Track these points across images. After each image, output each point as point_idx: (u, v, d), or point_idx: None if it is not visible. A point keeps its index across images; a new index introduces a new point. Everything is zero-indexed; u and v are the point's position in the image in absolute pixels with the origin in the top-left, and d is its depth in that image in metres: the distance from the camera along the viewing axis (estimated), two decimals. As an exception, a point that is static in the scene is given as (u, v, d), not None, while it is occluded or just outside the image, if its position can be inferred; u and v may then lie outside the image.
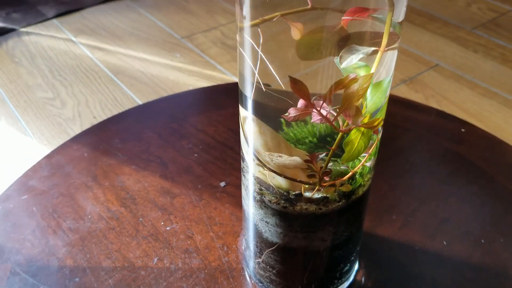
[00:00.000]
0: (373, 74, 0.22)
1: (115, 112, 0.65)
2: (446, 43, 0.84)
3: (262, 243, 0.32)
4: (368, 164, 0.27)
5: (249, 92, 0.25)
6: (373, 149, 0.26)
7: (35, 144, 0.60)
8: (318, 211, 0.28)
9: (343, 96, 0.22)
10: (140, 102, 0.67)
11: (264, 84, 0.24)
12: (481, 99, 0.71)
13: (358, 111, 0.23)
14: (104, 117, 0.64)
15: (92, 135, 0.51)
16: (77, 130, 0.62)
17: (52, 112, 0.65)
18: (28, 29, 0.83)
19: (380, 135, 0.27)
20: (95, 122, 0.63)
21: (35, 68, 0.74)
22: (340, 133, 0.24)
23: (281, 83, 0.24)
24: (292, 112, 0.24)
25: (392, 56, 0.25)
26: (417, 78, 0.76)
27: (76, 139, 0.50)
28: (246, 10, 0.23)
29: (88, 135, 0.51)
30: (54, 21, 0.85)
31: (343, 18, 0.21)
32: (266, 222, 0.30)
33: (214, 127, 0.52)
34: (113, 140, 0.51)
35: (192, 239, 0.40)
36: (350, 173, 0.26)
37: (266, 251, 0.32)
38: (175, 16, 0.89)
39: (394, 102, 0.60)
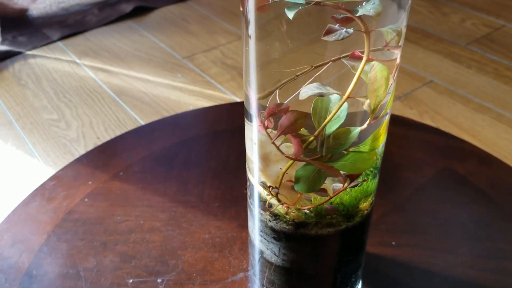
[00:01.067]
0: (306, 114, 0.23)
1: (118, 132, 0.67)
2: (440, 59, 0.86)
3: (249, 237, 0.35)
4: (327, 206, 0.27)
5: (254, 112, 0.27)
6: (338, 195, 0.27)
7: (42, 166, 0.62)
8: (275, 225, 0.30)
9: (279, 122, 0.24)
10: (143, 123, 0.69)
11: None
12: (474, 114, 0.73)
13: (298, 143, 0.24)
14: (108, 138, 0.66)
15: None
16: (81, 150, 0.64)
17: (57, 133, 0.67)
18: (34, 52, 0.86)
19: (353, 184, 0.27)
20: (98, 143, 0.65)
21: (41, 90, 0.76)
22: (290, 160, 0.25)
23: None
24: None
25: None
26: (412, 95, 0.77)
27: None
28: (252, 30, 0.25)
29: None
30: (59, 43, 0.88)
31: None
32: (250, 218, 0.33)
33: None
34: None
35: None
36: (308, 207, 0.27)
37: (249, 244, 0.35)
38: (176, 36, 0.91)
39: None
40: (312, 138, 0.24)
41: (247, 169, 0.32)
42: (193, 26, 0.95)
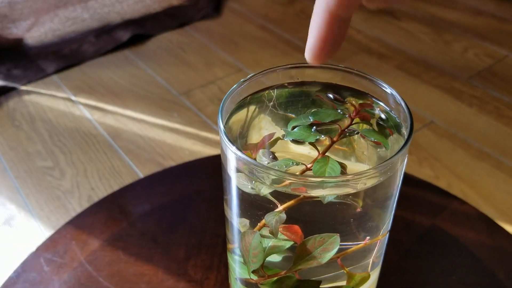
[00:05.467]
0: None
1: (112, 182, 0.67)
2: (441, 96, 0.85)
3: None
4: None
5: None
6: None
7: (36, 223, 0.61)
8: None
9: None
10: (138, 170, 0.69)
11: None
12: (473, 161, 0.72)
13: None
14: (102, 188, 0.66)
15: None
16: (75, 204, 0.63)
17: (52, 183, 0.67)
18: (29, 87, 0.85)
19: None
20: (92, 194, 0.65)
21: (35, 133, 0.75)
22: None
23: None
24: None
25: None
26: (412, 138, 0.76)
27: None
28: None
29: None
30: (54, 77, 0.87)
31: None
32: None
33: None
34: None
35: None
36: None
37: None
38: (173, 69, 0.90)
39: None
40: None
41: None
42: (190, 57, 0.94)
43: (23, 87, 0.84)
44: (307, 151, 0.27)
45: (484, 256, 0.54)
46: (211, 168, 0.67)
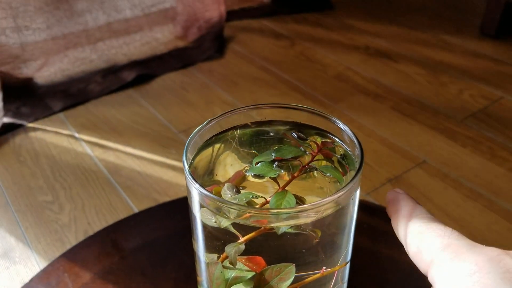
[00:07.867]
0: None
1: (108, 217, 0.69)
2: (435, 136, 0.87)
3: None
4: None
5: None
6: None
7: (32, 255, 0.63)
8: None
9: None
10: (133, 206, 0.71)
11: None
12: (465, 201, 0.73)
13: None
14: (98, 223, 0.68)
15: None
16: (71, 237, 0.65)
17: (50, 217, 0.69)
18: (35, 124, 0.88)
19: None
20: (88, 229, 0.67)
21: (38, 168, 0.78)
22: None
23: None
24: None
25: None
26: (403, 177, 0.78)
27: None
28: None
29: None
30: (60, 115, 0.91)
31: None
32: None
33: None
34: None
35: None
36: None
37: None
38: (174, 107, 0.93)
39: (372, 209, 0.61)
40: None
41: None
42: (192, 96, 0.97)
43: (30, 124, 0.88)
44: (275, 187, 0.29)
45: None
46: (204, 204, 0.68)
